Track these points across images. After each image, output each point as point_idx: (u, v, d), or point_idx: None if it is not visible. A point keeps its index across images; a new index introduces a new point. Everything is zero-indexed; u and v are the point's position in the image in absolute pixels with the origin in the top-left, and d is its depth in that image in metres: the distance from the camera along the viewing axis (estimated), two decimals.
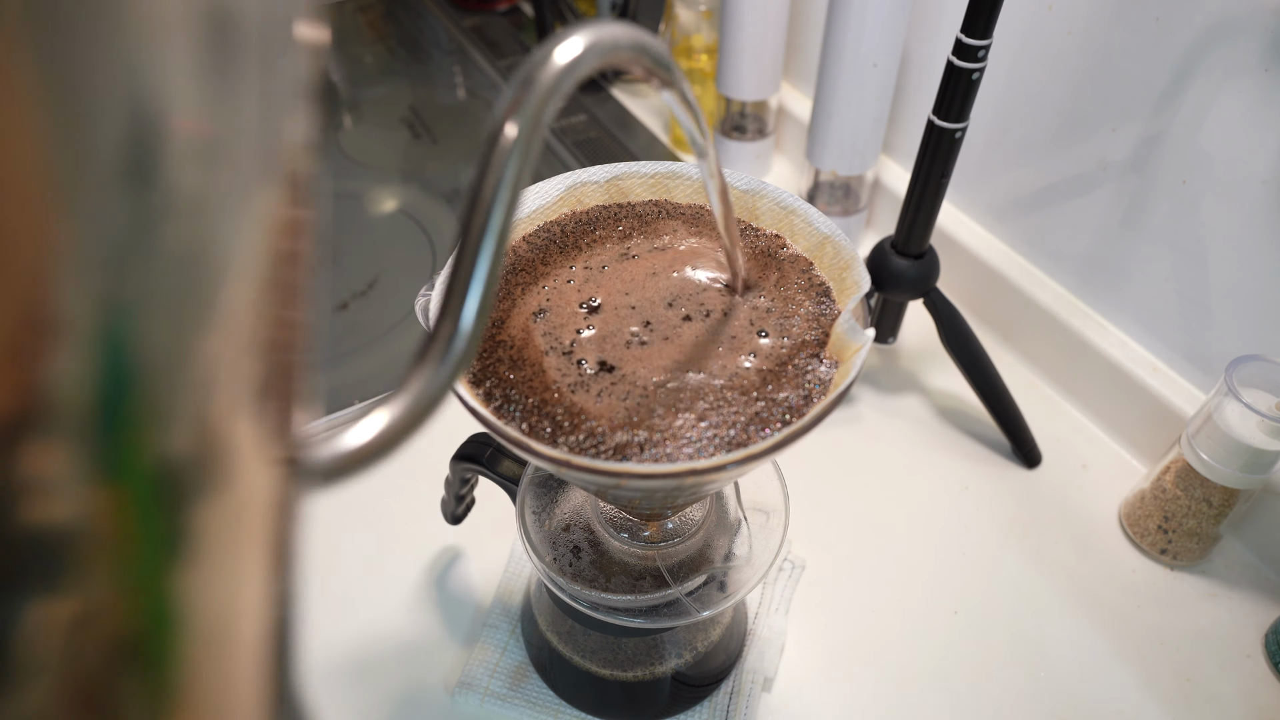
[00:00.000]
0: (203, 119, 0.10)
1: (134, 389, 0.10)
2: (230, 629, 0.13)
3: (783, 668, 0.49)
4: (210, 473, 0.11)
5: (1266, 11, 0.45)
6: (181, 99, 0.10)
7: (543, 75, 0.18)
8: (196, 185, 0.10)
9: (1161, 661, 0.49)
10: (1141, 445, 0.59)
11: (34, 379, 0.09)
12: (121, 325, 0.10)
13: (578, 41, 0.18)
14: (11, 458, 0.09)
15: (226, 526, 0.12)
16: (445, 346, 0.18)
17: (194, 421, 0.11)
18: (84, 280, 0.09)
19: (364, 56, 1.03)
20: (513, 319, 0.31)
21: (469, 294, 0.18)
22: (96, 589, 0.10)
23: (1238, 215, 0.50)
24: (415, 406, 0.17)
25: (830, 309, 0.32)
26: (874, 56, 0.61)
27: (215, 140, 0.11)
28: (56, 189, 0.09)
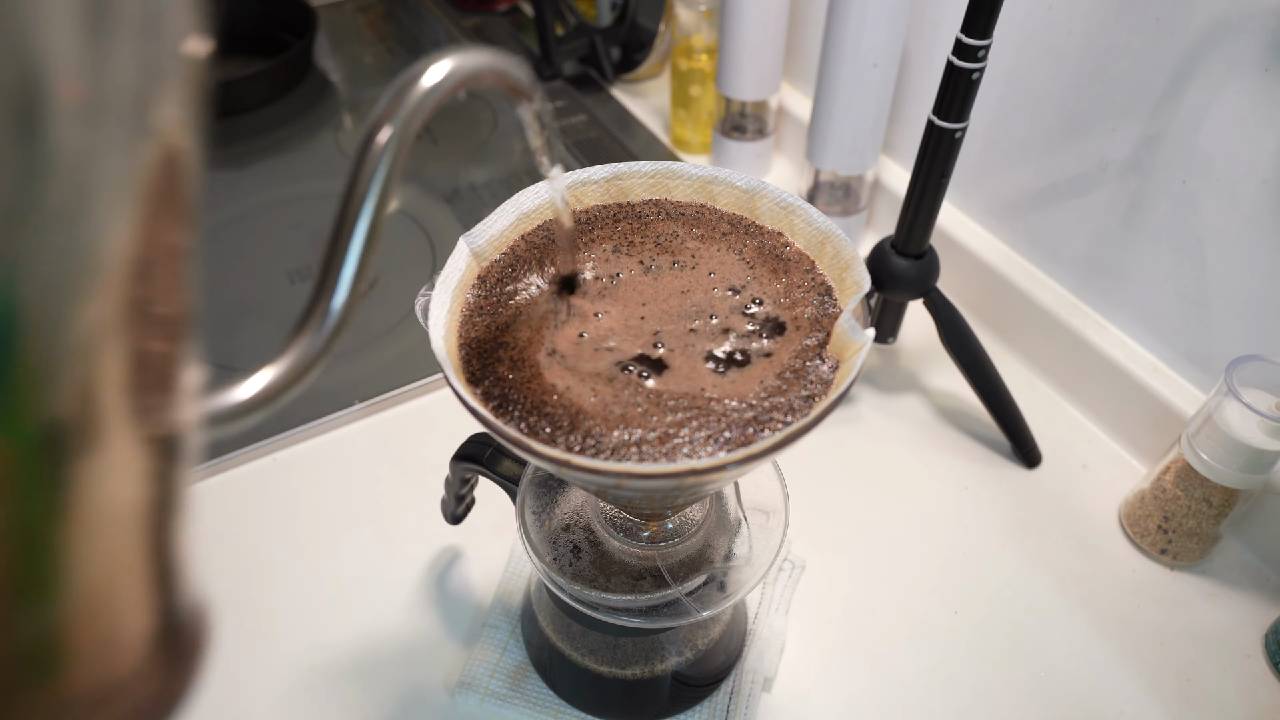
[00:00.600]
0: (82, 81, 0.11)
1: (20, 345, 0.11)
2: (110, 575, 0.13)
3: (783, 668, 0.49)
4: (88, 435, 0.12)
5: (1266, 11, 0.45)
6: (64, 60, 0.11)
7: (413, 92, 0.21)
8: (78, 144, 0.11)
9: (1161, 661, 0.49)
10: (1141, 445, 0.59)
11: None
12: (5, 280, 0.10)
13: (445, 64, 0.22)
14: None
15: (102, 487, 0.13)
16: (320, 319, 0.21)
17: (74, 386, 0.12)
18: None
19: (364, 56, 1.03)
20: (512, 319, 0.31)
21: (341, 274, 0.21)
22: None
23: (1238, 215, 0.50)
24: (293, 368, 0.20)
25: (832, 308, 0.32)
26: (874, 56, 0.61)
27: (94, 102, 0.11)
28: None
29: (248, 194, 0.82)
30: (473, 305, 0.32)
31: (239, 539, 0.54)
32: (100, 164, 0.12)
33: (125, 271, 0.12)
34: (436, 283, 0.31)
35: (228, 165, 0.86)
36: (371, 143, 0.21)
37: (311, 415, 0.60)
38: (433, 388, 0.63)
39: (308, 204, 0.80)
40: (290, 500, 0.56)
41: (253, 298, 0.71)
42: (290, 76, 0.96)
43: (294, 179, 0.84)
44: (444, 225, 0.77)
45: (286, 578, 0.52)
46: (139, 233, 0.13)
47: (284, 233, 0.77)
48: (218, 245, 0.76)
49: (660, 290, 0.32)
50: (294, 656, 0.49)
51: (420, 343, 0.66)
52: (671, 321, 0.31)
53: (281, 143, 0.89)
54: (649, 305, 0.32)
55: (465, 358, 0.30)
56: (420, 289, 0.32)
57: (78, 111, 0.11)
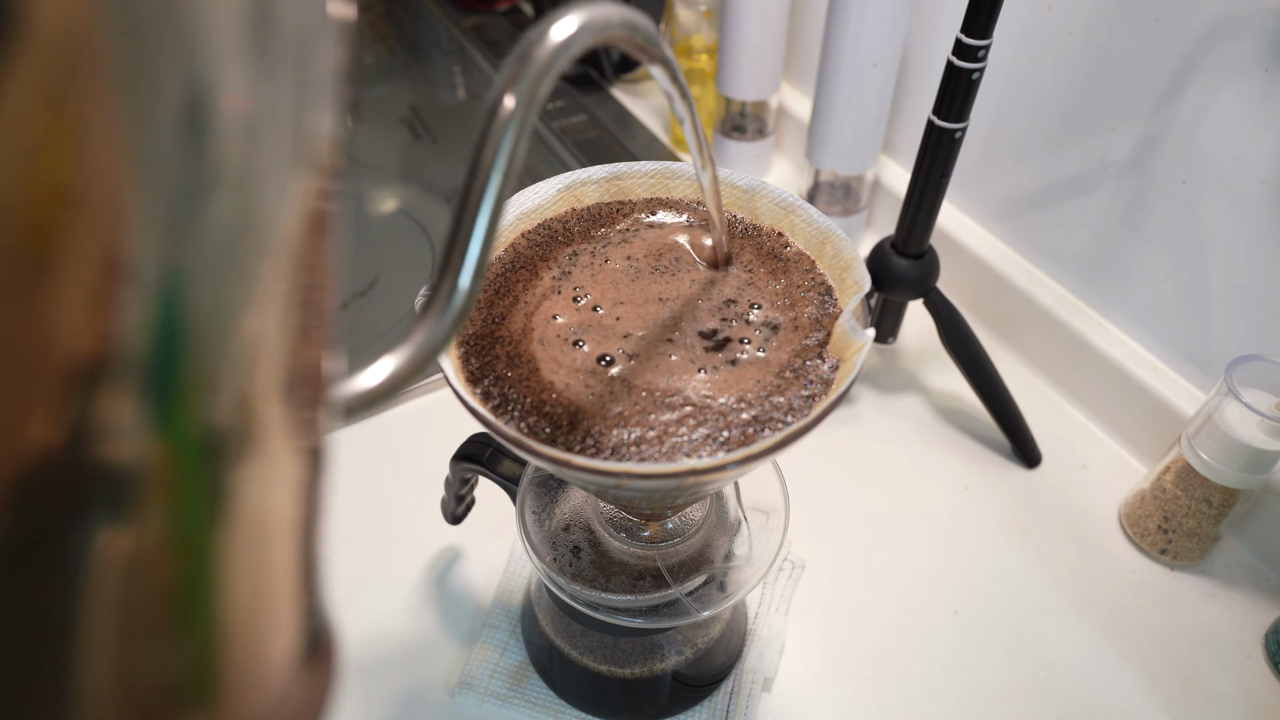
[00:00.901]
0: (247, 98, 0.11)
1: (187, 351, 0.11)
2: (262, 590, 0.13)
3: (783, 668, 0.49)
4: (247, 446, 0.12)
5: (1266, 12, 0.45)
6: (228, 78, 0.11)
7: (539, 52, 0.19)
8: (241, 158, 0.11)
9: (1161, 661, 0.49)
10: (1141, 445, 0.59)
11: (112, 327, 0.10)
12: (177, 287, 0.11)
13: (572, 20, 0.20)
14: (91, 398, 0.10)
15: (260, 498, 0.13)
16: (446, 301, 0.19)
17: (235, 395, 0.12)
18: (149, 236, 0.10)
19: (364, 56, 1.03)
20: (512, 317, 0.31)
21: (468, 252, 0.19)
22: (150, 530, 0.11)
23: (1238, 215, 0.50)
24: (418, 354, 0.19)
25: (832, 308, 0.32)
26: (874, 56, 0.61)
27: (256, 119, 0.11)
28: (129, 152, 0.10)
29: None
30: None
31: None
32: (264, 180, 0.12)
33: (286, 286, 0.12)
34: None
35: None
36: (497, 111, 0.19)
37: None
38: (433, 388, 0.63)
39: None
40: None
41: None
42: None
43: None
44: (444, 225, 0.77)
45: None
46: (297, 250, 0.13)
47: None
48: None
49: (660, 289, 0.32)
50: None
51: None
52: (671, 321, 0.31)
53: None
54: (650, 304, 0.32)
55: (464, 355, 0.30)
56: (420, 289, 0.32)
57: (242, 125, 0.11)
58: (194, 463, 0.11)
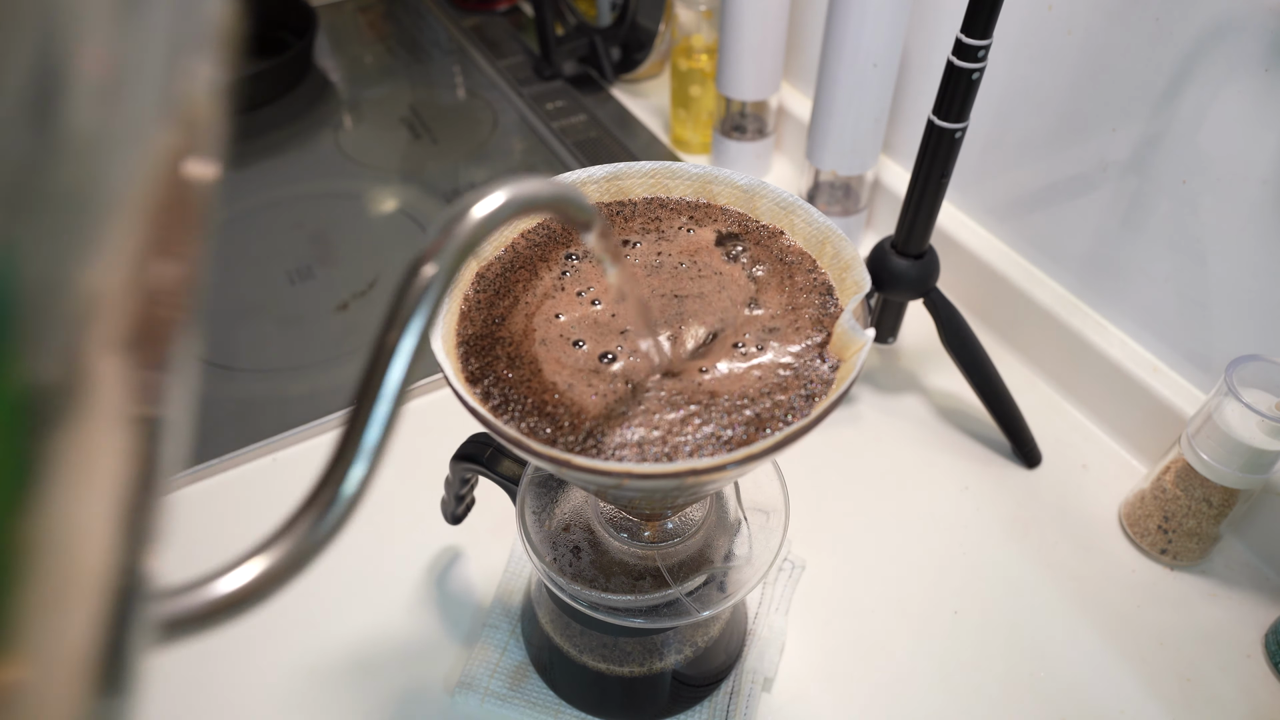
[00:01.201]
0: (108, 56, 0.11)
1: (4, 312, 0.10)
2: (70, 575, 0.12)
3: (783, 668, 0.49)
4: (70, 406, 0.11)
5: (1266, 11, 0.45)
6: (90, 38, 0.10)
7: (461, 227, 0.19)
8: (94, 124, 0.11)
9: (1161, 661, 0.49)
10: (1141, 445, 0.59)
11: None
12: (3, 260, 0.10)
13: (496, 197, 0.20)
14: None
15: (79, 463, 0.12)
16: (333, 493, 0.17)
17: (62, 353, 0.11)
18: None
19: (364, 56, 1.03)
20: (512, 317, 0.31)
21: (364, 440, 0.18)
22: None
23: (1238, 215, 0.50)
24: (289, 560, 0.17)
25: (833, 308, 0.32)
26: (874, 56, 0.61)
27: (118, 79, 0.11)
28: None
29: (248, 194, 0.82)
30: (471, 302, 0.32)
31: (239, 539, 0.54)
32: (119, 144, 0.11)
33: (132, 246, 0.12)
34: None
35: (228, 165, 0.86)
36: (414, 279, 0.18)
37: (312, 415, 0.60)
38: (433, 388, 0.63)
39: (308, 204, 0.80)
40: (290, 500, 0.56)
41: (253, 298, 0.71)
42: (290, 76, 0.96)
43: (294, 179, 0.84)
44: None
45: None
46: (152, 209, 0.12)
47: (284, 233, 0.77)
48: (218, 245, 0.76)
49: (660, 289, 0.32)
50: (294, 656, 0.49)
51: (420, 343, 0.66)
52: (671, 321, 0.31)
53: (281, 143, 0.89)
54: (650, 303, 0.32)
55: (464, 356, 0.30)
56: None
57: (99, 87, 0.11)
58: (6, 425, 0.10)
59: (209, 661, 0.48)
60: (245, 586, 0.16)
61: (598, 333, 0.31)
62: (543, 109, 0.90)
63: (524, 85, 0.94)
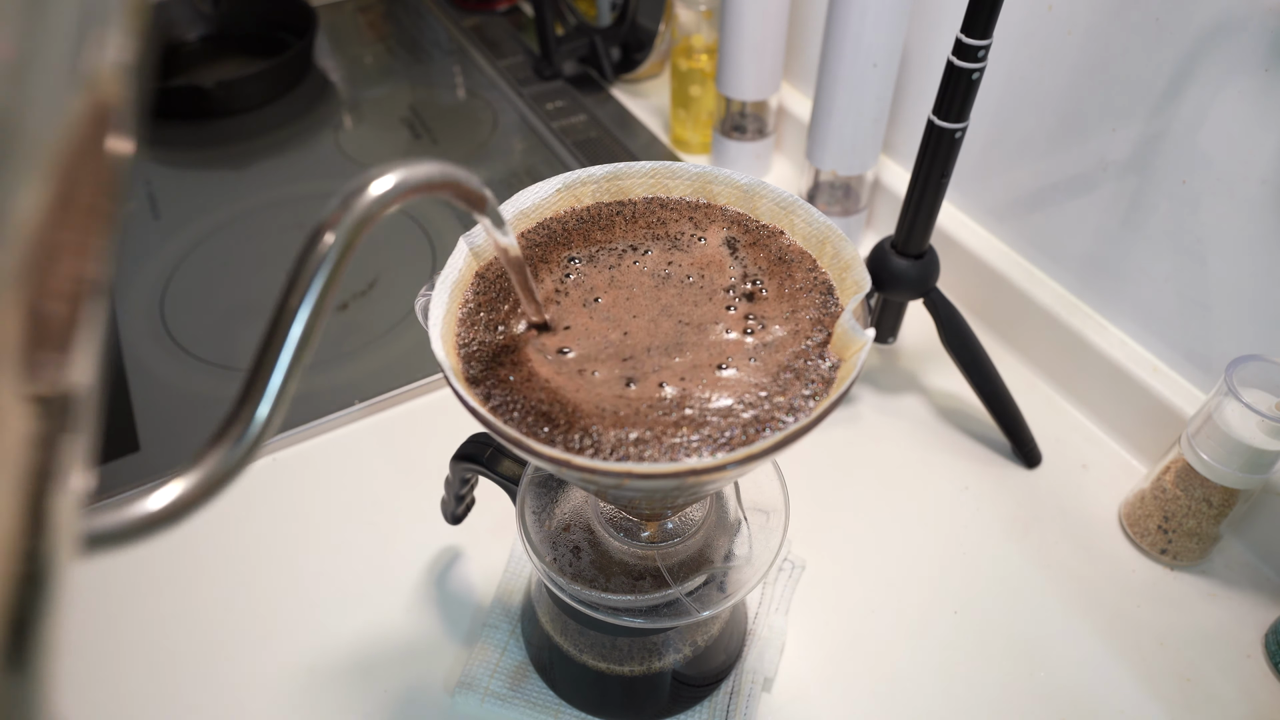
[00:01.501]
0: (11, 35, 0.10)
1: None
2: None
3: (783, 668, 0.49)
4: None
5: (1266, 11, 0.45)
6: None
7: (360, 200, 0.21)
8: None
9: (1161, 661, 0.49)
10: (1141, 445, 0.59)
11: None
12: None
13: (392, 175, 0.22)
14: None
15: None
16: (240, 431, 0.20)
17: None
18: None
19: (364, 56, 1.03)
20: (512, 318, 0.31)
21: (270, 384, 0.20)
22: None
23: (1238, 215, 0.50)
24: (206, 481, 0.19)
25: (834, 307, 0.32)
26: (874, 56, 0.61)
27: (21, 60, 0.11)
28: None
29: (248, 194, 0.82)
30: (472, 303, 0.32)
31: (239, 539, 0.54)
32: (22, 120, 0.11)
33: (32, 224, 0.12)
34: (436, 282, 0.31)
35: (228, 165, 0.86)
36: (314, 247, 0.21)
37: (311, 415, 0.60)
38: (433, 388, 0.63)
39: (308, 204, 0.80)
40: (290, 500, 0.56)
41: (253, 298, 0.71)
42: (290, 76, 0.96)
43: (294, 179, 0.84)
44: (444, 225, 0.77)
45: (286, 578, 0.52)
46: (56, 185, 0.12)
47: (284, 233, 0.77)
48: (218, 245, 0.76)
49: (660, 288, 0.32)
50: (294, 656, 0.49)
51: (420, 343, 0.66)
52: (671, 320, 0.31)
53: (281, 143, 0.89)
54: (649, 303, 0.32)
55: (464, 357, 0.30)
56: (420, 289, 0.32)
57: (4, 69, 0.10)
58: None
59: (209, 661, 0.48)
60: (167, 505, 0.18)
61: (598, 333, 0.31)
62: (543, 109, 0.90)
63: (524, 85, 0.94)
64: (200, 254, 0.75)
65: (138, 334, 0.67)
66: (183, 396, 0.62)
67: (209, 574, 0.52)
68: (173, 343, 0.66)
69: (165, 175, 0.85)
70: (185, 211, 0.79)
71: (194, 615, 0.50)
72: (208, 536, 0.54)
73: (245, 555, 0.53)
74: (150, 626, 0.50)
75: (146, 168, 0.85)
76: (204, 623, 0.50)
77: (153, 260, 0.74)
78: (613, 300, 0.32)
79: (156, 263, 0.74)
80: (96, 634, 0.49)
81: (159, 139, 0.90)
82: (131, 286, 0.71)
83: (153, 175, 0.84)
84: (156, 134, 0.91)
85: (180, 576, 0.52)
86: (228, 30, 1.03)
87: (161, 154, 0.88)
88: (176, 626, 0.50)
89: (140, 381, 0.63)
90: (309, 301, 0.21)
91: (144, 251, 0.75)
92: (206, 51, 1.02)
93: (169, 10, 1.01)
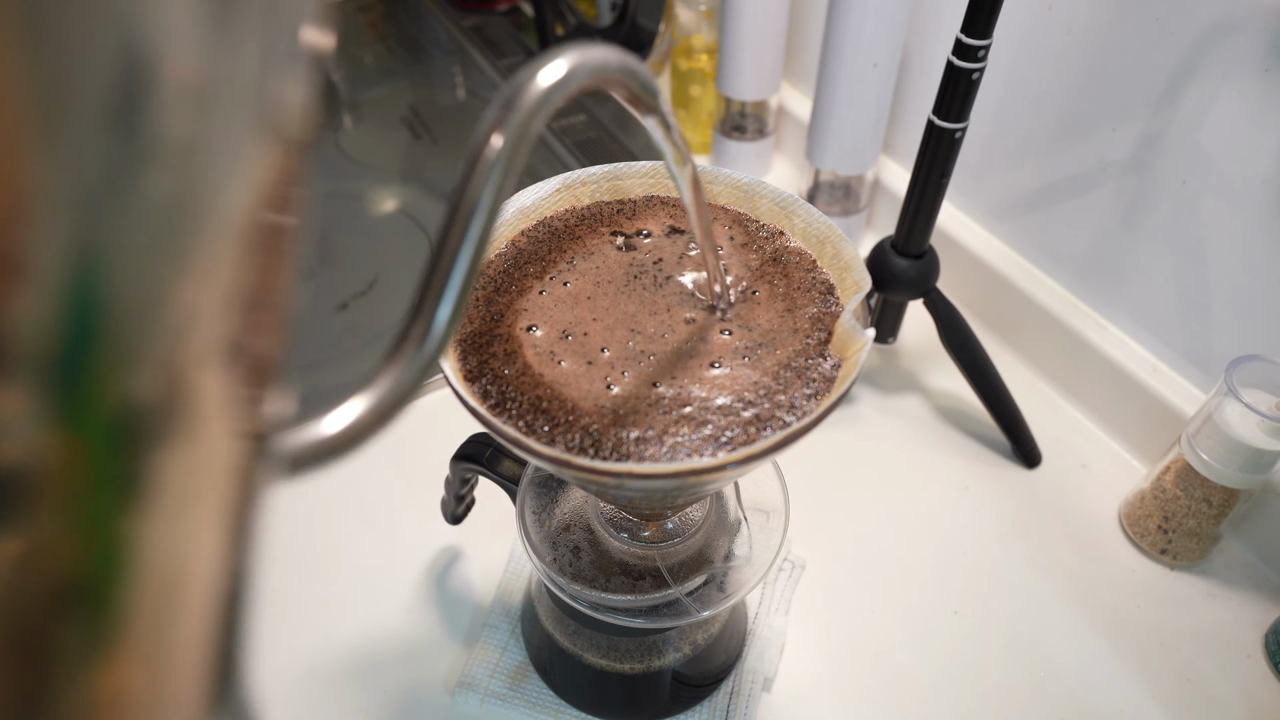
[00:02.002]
0: (198, 67, 0.10)
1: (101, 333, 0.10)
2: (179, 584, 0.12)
3: (783, 668, 0.49)
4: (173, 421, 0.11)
5: (1266, 11, 0.45)
6: (177, 44, 0.10)
7: (527, 96, 0.19)
8: (186, 133, 0.10)
9: (1161, 661, 0.49)
10: (1141, 445, 0.59)
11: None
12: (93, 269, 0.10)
13: (562, 64, 0.19)
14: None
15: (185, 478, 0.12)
16: (418, 344, 0.18)
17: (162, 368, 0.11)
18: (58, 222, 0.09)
19: (364, 56, 1.03)
20: (510, 316, 0.31)
21: (445, 295, 0.18)
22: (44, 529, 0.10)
23: (1238, 215, 0.50)
24: (386, 399, 0.17)
25: (834, 306, 0.32)
26: (874, 56, 0.61)
27: (209, 89, 0.11)
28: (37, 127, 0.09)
29: None
30: (470, 299, 0.32)
31: None
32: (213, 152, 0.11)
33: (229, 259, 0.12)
34: None
35: None
36: (483, 151, 0.19)
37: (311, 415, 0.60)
38: (433, 388, 0.63)
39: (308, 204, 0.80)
40: (290, 500, 0.56)
41: None
42: None
43: None
44: None
45: (286, 578, 0.52)
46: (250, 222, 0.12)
47: None
48: None
49: (660, 287, 0.32)
50: (294, 656, 0.49)
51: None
52: (672, 319, 0.31)
53: None
54: (650, 302, 0.32)
55: (462, 354, 0.30)
56: None
57: (189, 97, 0.10)
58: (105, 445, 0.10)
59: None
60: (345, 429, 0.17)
61: (599, 332, 0.31)
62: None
63: None
64: None
65: None
66: None
67: None
68: None
69: None
70: None
71: None
72: None
73: None
74: None
75: None
76: None
77: None
78: (612, 299, 0.32)
79: None
80: None
81: None
82: None
83: None
84: None
85: None
86: None
87: None
88: None
89: None
90: (481, 208, 0.18)
91: None
92: None
93: None
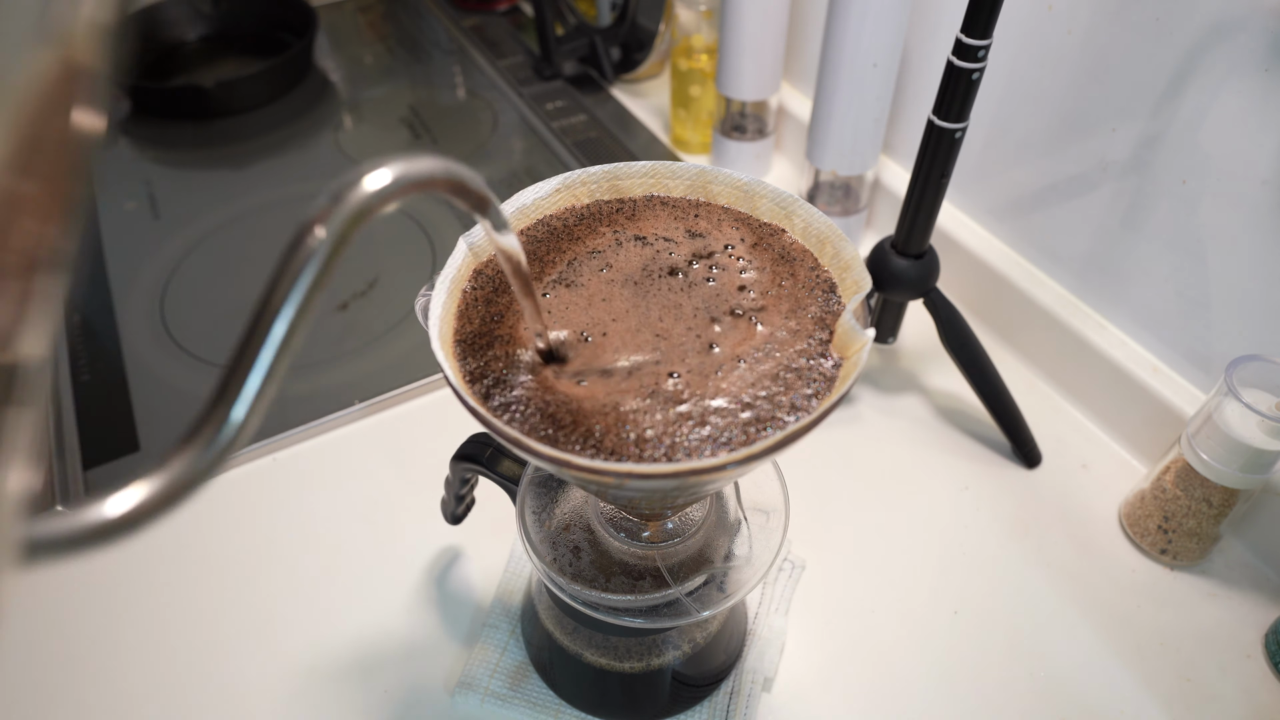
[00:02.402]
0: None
1: None
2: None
3: (783, 668, 0.49)
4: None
5: (1266, 11, 0.45)
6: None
7: (352, 195, 0.20)
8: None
9: (1161, 661, 0.49)
10: (1141, 445, 0.59)
11: None
12: None
13: (388, 170, 0.20)
14: None
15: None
16: (213, 434, 0.18)
17: None
18: None
19: (364, 56, 1.03)
20: (510, 315, 0.31)
21: (246, 384, 0.18)
22: None
23: (1238, 215, 0.50)
24: (173, 485, 0.17)
25: (836, 305, 0.32)
26: (874, 56, 0.61)
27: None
28: None
29: (248, 194, 0.82)
30: (469, 299, 0.32)
31: (239, 539, 0.54)
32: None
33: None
34: (436, 282, 0.31)
35: (228, 165, 0.86)
36: (301, 243, 0.19)
37: (311, 415, 0.60)
38: (433, 388, 0.63)
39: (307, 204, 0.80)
40: (290, 500, 0.56)
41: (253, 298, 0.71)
42: (290, 76, 0.96)
43: (294, 179, 0.84)
44: (444, 225, 0.77)
45: (286, 578, 0.52)
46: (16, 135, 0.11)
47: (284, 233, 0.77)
48: (217, 245, 0.76)
49: (660, 287, 0.32)
50: (294, 656, 0.49)
51: (420, 343, 0.66)
52: (671, 318, 0.31)
53: (281, 143, 0.89)
54: (649, 302, 0.32)
55: (461, 354, 0.30)
56: (420, 289, 0.32)
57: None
58: None
59: (209, 661, 0.48)
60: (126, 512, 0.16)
61: (599, 332, 0.31)
62: (543, 109, 0.90)
63: (524, 85, 0.94)
64: (200, 254, 0.75)
65: (138, 334, 0.67)
66: (183, 396, 0.62)
67: (209, 574, 0.52)
68: (173, 343, 0.66)
69: (165, 175, 0.85)
70: (185, 211, 0.79)
71: (194, 615, 0.50)
72: (208, 537, 0.54)
73: (245, 556, 0.53)
74: (150, 627, 0.50)
75: (146, 168, 0.85)
76: (204, 623, 0.50)
77: (152, 260, 0.74)
78: (611, 299, 0.32)
79: (156, 263, 0.74)
80: (96, 634, 0.49)
81: (159, 139, 0.90)
82: (131, 286, 0.71)
83: (153, 175, 0.84)
84: (156, 134, 0.91)
85: (180, 577, 0.52)
86: (228, 30, 1.03)
87: (161, 154, 0.88)
88: (176, 627, 0.50)
89: (140, 381, 0.63)
90: (294, 300, 0.19)
91: (144, 251, 0.75)
92: (206, 51, 1.02)
93: (169, 10, 1.01)
